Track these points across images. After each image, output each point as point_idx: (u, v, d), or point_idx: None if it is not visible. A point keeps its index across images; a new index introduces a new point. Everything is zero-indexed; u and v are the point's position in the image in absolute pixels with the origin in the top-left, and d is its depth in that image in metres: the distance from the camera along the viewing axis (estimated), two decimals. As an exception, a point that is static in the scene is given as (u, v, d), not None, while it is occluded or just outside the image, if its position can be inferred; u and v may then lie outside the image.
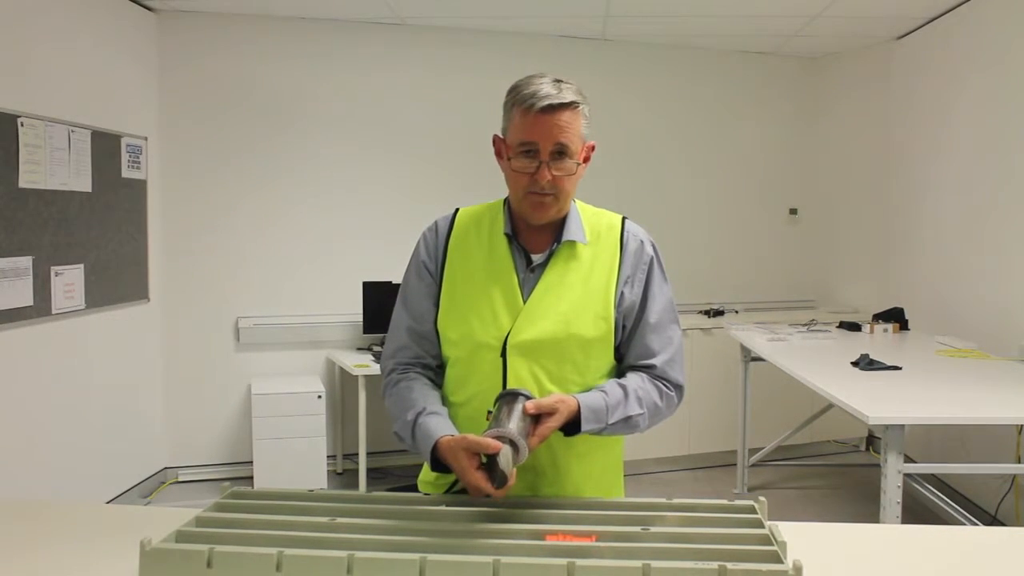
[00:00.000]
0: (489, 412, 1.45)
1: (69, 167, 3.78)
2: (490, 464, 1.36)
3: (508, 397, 1.44)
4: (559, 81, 1.53)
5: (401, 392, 1.60)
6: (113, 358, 4.21)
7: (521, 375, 1.54)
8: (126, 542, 1.34)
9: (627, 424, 1.55)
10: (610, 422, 1.52)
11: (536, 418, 1.43)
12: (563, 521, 1.38)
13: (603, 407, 1.51)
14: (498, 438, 1.36)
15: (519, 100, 1.51)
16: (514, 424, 1.38)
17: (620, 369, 1.64)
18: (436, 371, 1.66)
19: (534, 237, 1.62)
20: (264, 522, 1.37)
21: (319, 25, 4.82)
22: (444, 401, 1.62)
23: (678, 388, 1.64)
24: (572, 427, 1.49)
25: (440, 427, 1.49)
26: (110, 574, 1.31)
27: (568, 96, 1.50)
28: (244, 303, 4.78)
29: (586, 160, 1.59)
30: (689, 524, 1.38)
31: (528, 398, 1.43)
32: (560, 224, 1.62)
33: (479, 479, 1.37)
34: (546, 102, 1.48)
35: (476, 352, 1.56)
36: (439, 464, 1.47)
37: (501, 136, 1.59)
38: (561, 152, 1.51)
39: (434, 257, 1.65)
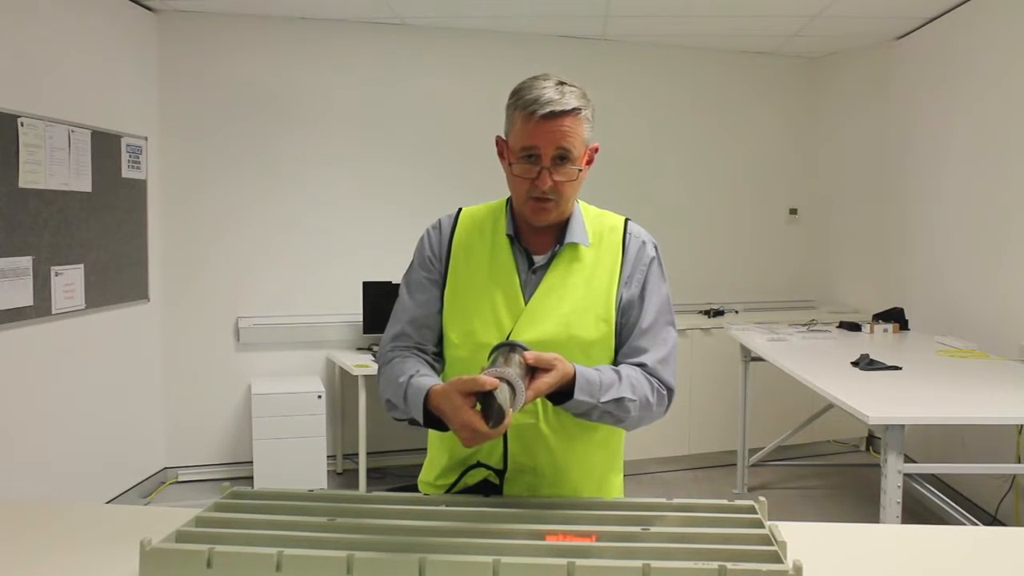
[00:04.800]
0: (490, 355, 1.41)
1: (69, 167, 3.78)
2: (485, 405, 1.29)
3: (505, 347, 1.40)
4: (562, 84, 1.51)
5: (394, 365, 1.58)
6: (113, 358, 4.21)
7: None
8: (126, 542, 1.34)
9: (618, 407, 1.49)
10: (602, 400, 1.46)
11: (532, 374, 1.39)
12: (563, 521, 1.38)
13: (597, 382, 1.47)
14: (495, 378, 1.30)
15: (521, 105, 1.50)
16: (512, 370, 1.33)
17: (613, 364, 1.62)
18: (434, 357, 1.64)
19: (536, 238, 1.62)
20: (264, 522, 1.37)
21: (319, 25, 4.82)
22: None
23: (669, 390, 1.60)
24: (565, 395, 1.44)
25: (432, 382, 1.46)
26: (110, 574, 1.31)
27: (571, 102, 1.49)
28: (244, 303, 4.78)
29: (589, 162, 1.58)
30: (689, 524, 1.38)
31: (526, 350, 1.39)
32: (563, 226, 1.61)
33: (473, 417, 1.31)
34: (548, 109, 1.47)
35: (477, 353, 1.56)
36: (432, 419, 1.44)
37: (504, 138, 1.59)
38: (563, 158, 1.51)
39: (438, 254, 1.65)
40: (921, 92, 4.77)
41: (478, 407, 1.32)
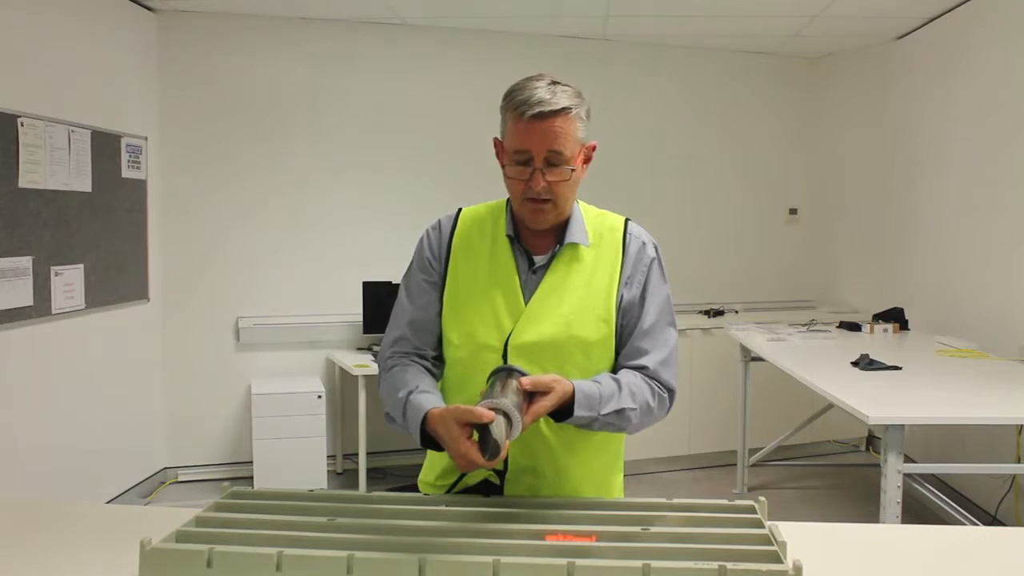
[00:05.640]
0: (488, 379, 1.42)
1: (69, 167, 3.78)
2: (482, 435, 1.32)
3: (502, 372, 1.41)
4: (555, 84, 1.50)
5: (395, 375, 1.58)
6: (113, 358, 4.21)
7: (522, 376, 1.53)
8: (126, 542, 1.34)
9: (619, 417, 1.50)
10: (602, 412, 1.48)
11: (531, 397, 1.40)
12: (563, 521, 1.38)
13: (596, 395, 1.48)
14: (492, 409, 1.32)
15: (512, 106, 1.50)
16: (508, 398, 1.35)
17: (614, 368, 1.62)
18: (433, 362, 1.65)
19: (536, 238, 1.61)
20: (264, 522, 1.37)
21: (319, 25, 4.82)
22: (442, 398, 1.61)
23: (670, 391, 1.60)
24: (565, 412, 1.46)
25: (431, 402, 1.47)
26: (110, 574, 1.31)
27: (561, 102, 1.47)
28: (244, 303, 4.78)
29: (587, 161, 1.58)
30: (689, 524, 1.38)
31: (523, 375, 1.40)
32: (562, 226, 1.61)
33: (469, 448, 1.33)
34: (537, 109, 1.46)
35: (477, 353, 1.56)
36: (428, 440, 1.45)
37: (501, 139, 1.58)
38: (555, 159, 1.50)
39: (437, 255, 1.64)
40: (921, 92, 4.77)
41: (475, 435, 1.34)
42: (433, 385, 1.57)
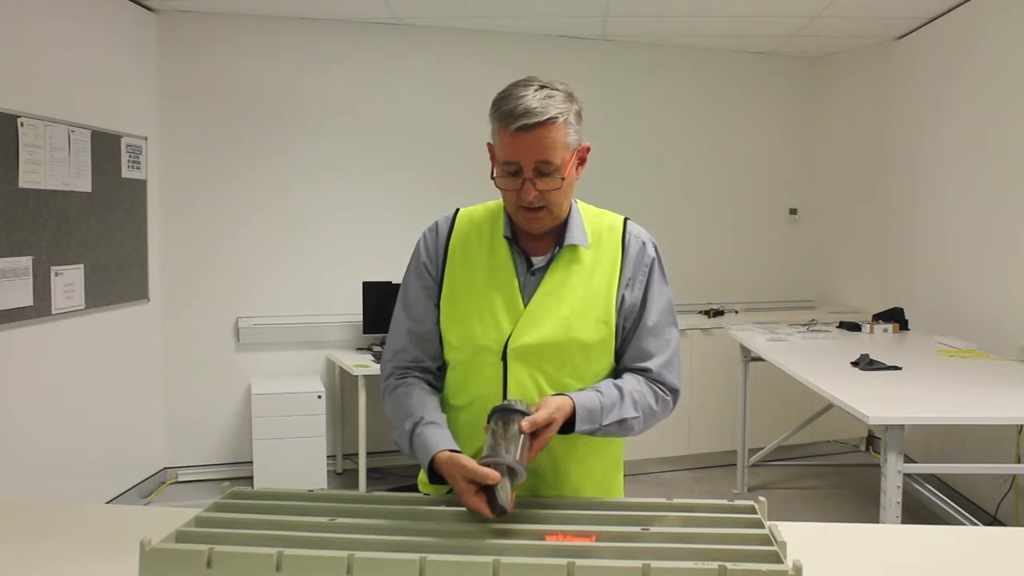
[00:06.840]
0: (489, 419, 1.43)
1: (69, 167, 3.78)
2: (489, 491, 1.35)
3: (504, 413, 1.40)
4: (543, 88, 1.47)
5: (399, 399, 1.58)
6: (113, 358, 4.21)
7: (521, 379, 1.53)
8: (126, 542, 1.34)
9: (621, 426, 1.52)
10: (604, 423, 1.49)
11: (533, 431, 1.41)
12: (563, 521, 1.38)
13: (598, 408, 1.49)
14: (495, 465, 1.35)
15: (498, 116, 1.47)
16: (511, 445, 1.37)
17: (616, 370, 1.62)
18: (435, 374, 1.64)
19: (534, 240, 1.60)
20: (264, 522, 1.37)
21: (319, 25, 4.82)
22: (444, 405, 1.61)
23: (674, 392, 1.61)
24: (566, 426, 1.47)
25: (437, 440, 1.47)
26: (110, 574, 1.31)
27: (548, 111, 1.44)
28: (244, 303, 4.78)
29: (582, 163, 1.56)
30: (689, 524, 1.38)
31: (524, 413, 1.40)
32: (561, 227, 1.60)
33: (478, 504, 1.36)
34: (522, 121, 1.43)
35: (476, 356, 1.55)
36: (436, 476, 1.46)
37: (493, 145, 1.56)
38: (544, 168, 1.48)
39: (434, 259, 1.63)
40: (921, 92, 4.77)
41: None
42: (437, 408, 1.57)
